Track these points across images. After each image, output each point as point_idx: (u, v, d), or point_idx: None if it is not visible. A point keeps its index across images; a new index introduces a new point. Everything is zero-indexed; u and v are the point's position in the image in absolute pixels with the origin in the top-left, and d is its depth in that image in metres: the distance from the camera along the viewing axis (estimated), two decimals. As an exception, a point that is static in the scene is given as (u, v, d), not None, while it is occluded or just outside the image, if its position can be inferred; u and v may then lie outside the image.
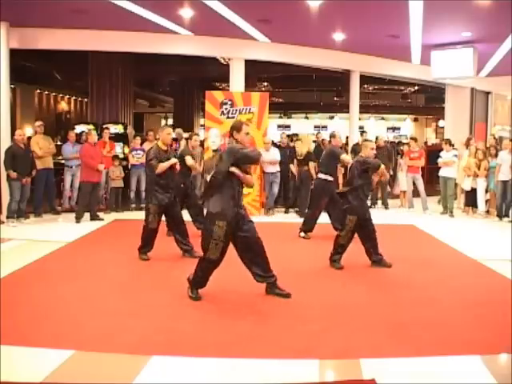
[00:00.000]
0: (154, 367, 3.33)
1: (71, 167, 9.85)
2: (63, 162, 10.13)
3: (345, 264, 5.88)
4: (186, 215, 6.85)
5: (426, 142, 22.97)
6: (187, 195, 7.32)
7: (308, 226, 7.66)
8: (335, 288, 5.18)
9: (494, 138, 11.44)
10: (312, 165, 9.16)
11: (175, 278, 5.43)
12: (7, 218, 8.35)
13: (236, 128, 4.54)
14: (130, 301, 4.65)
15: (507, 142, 9.63)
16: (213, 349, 3.60)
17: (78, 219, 8.70)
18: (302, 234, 7.69)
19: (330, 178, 7.51)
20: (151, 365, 3.35)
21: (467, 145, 10.70)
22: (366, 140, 6.64)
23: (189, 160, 7.19)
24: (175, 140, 9.42)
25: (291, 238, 7.63)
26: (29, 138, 9.95)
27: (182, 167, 7.00)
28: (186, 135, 9.56)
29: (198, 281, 4.63)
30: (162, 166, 5.97)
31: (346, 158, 7.54)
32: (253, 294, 4.76)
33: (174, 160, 6.17)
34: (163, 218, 6.19)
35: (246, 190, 9.70)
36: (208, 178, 4.62)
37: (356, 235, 5.90)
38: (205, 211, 4.67)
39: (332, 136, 8.10)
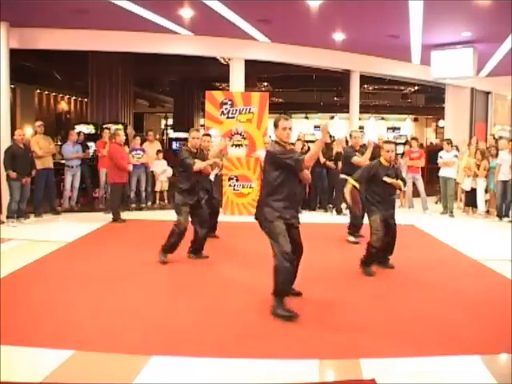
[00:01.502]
0: (154, 367, 3.33)
1: (72, 167, 9.86)
2: (63, 161, 10.13)
3: (345, 264, 5.89)
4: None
5: (431, 143, 22.81)
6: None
7: (354, 228, 7.31)
8: (335, 288, 5.18)
9: (494, 138, 11.43)
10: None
11: (175, 278, 5.44)
12: (7, 217, 8.34)
13: (274, 124, 4.35)
14: (130, 301, 4.65)
15: (504, 142, 9.62)
16: (213, 349, 3.60)
17: (116, 220, 8.71)
18: (351, 238, 7.29)
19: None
20: (151, 365, 3.35)
21: (470, 145, 10.70)
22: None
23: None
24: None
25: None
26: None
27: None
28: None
29: None
30: (201, 164, 5.84)
31: (356, 160, 7.16)
32: (253, 294, 4.76)
33: (213, 160, 6.14)
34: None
35: (246, 190, 9.78)
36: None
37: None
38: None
39: (350, 136, 8.01)
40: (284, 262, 4.15)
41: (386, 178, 5.50)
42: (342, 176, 7.38)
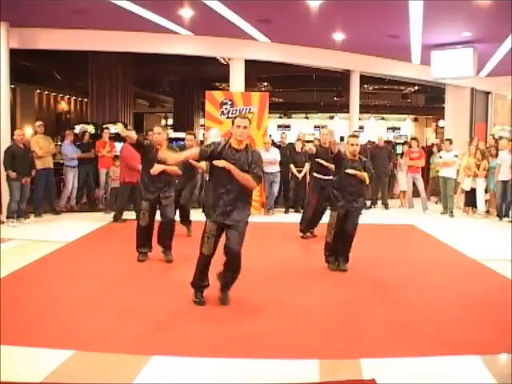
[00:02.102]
0: (154, 367, 3.33)
1: (73, 167, 9.87)
2: (63, 161, 10.14)
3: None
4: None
5: (433, 144, 22.72)
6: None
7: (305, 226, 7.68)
8: (335, 288, 5.18)
9: (494, 138, 11.43)
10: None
11: (175, 278, 5.43)
12: (7, 218, 8.34)
13: (232, 121, 4.44)
14: (130, 301, 4.65)
15: (504, 142, 9.63)
16: (213, 349, 3.60)
17: (116, 220, 8.74)
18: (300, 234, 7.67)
19: None
20: (151, 365, 3.34)
21: (471, 145, 10.70)
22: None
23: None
24: None
25: (291, 237, 7.61)
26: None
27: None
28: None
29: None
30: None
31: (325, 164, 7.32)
32: (253, 294, 4.76)
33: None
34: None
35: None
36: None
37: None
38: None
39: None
40: None
41: (348, 170, 5.63)
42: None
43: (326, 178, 7.13)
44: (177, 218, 6.78)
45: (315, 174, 7.55)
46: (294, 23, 9.13)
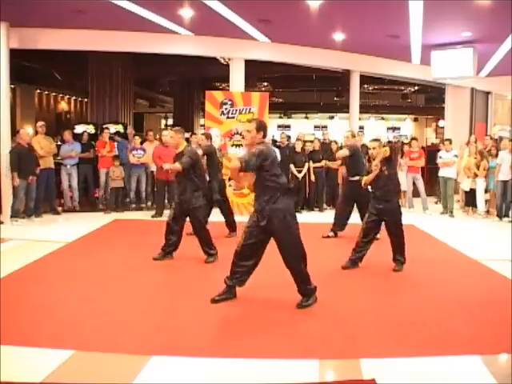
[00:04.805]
0: (154, 367, 3.33)
1: (65, 166, 9.88)
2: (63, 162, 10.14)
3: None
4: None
5: (433, 144, 22.65)
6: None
7: None
8: (335, 288, 5.18)
9: (491, 138, 11.42)
10: None
11: (175, 278, 5.43)
12: (11, 217, 8.41)
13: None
14: (130, 301, 4.65)
15: (506, 142, 9.62)
16: (213, 349, 3.60)
17: (156, 216, 9.11)
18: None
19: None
20: (151, 365, 3.34)
21: (470, 144, 10.69)
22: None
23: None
24: None
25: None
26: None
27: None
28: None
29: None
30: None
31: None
32: (253, 294, 4.76)
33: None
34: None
35: (246, 191, 9.76)
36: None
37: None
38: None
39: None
40: None
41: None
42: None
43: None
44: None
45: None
46: (294, 23, 9.13)
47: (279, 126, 27.17)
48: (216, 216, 7.76)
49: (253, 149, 4.31)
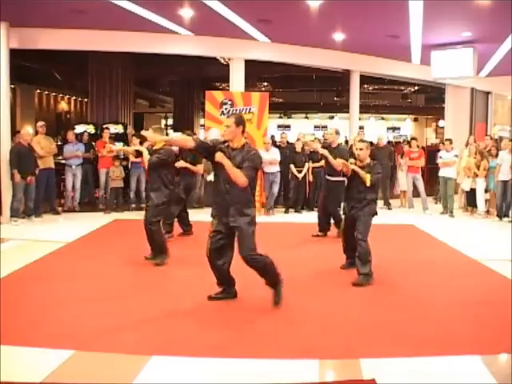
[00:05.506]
0: (154, 367, 3.33)
1: (71, 166, 9.87)
2: (63, 161, 10.14)
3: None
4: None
5: (432, 144, 22.66)
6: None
7: None
8: (335, 288, 5.18)
9: (491, 138, 11.42)
10: None
11: (175, 278, 5.43)
12: (11, 217, 8.41)
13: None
14: (130, 301, 4.65)
15: (506, 142, 9.62)
16: (213, 349, 3.60)
17: None
18: None
19: None
20: (151, 365, 3.35)
21: (469, 144, 10.70)
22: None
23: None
24: None
25: (291, 237, 7.62)
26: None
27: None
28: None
29: None
30: None
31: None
32: (253, 295, 4.76)
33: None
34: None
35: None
36: (209, 178, 4.63)
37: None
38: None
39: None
40: None
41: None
42: None
43: None
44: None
45: None
46: (294, 23, 9.13)
47: (279, 126, 27.18)
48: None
49: (235, 143, 4.32)
